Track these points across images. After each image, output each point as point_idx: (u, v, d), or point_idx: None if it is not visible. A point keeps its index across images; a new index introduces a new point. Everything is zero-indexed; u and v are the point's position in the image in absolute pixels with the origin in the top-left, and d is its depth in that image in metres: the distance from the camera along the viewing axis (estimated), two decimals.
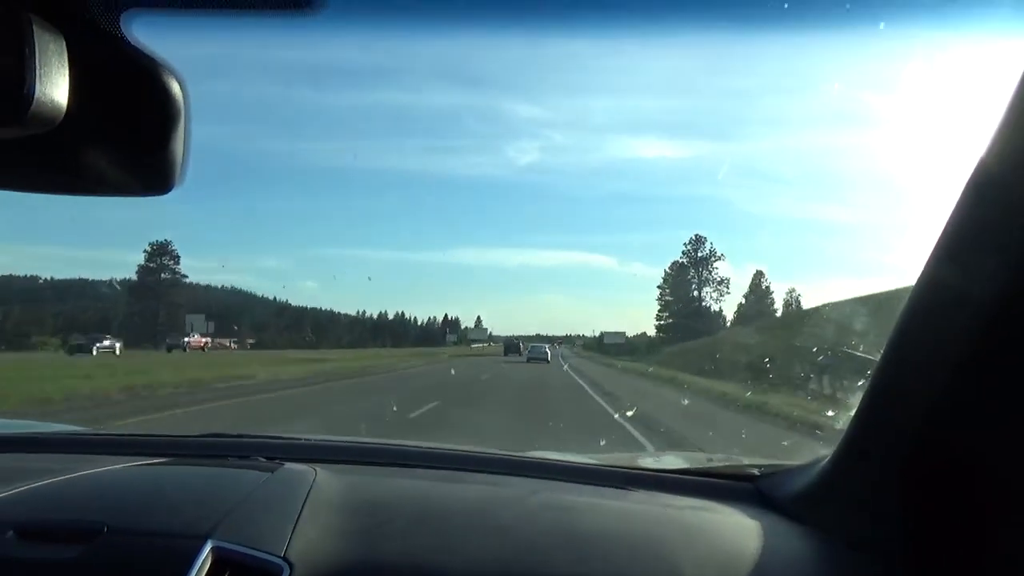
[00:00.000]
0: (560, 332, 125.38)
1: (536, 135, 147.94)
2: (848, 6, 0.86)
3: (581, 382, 25.74)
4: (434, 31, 0.87)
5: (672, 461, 2.07)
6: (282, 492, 1.28)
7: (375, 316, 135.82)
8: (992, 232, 0.90)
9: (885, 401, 1.11)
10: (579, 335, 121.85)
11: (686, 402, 17.53)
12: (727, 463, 1.81)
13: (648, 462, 1.98)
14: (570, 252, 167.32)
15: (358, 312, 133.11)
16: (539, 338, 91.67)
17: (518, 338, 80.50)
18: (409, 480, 1.58)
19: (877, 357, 1.11)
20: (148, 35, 0.81)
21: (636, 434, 11.20)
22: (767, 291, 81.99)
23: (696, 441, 10.38)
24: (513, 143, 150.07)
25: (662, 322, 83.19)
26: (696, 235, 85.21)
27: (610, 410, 15.37)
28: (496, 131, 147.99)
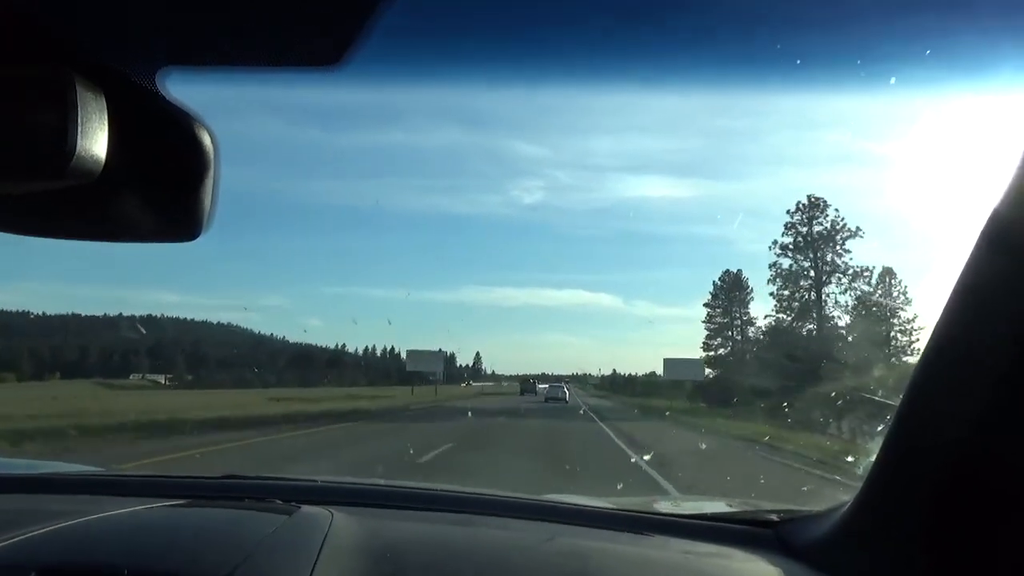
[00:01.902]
0: (565, 371, 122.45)
1: (540, 174, 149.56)
2: (859, 61, 0.88)
3: None
4: (449, 83, 0.90)
5: (690, 506, 2.04)
6: (299, 536, 1.28)
7: (360, 352, 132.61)
8: (1013, 274, 0.90)
9: (908, 446, 1.10)
10: (586, 374, 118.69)
11: None
12: (746, 508, 1.78)
13: (666, 506, 1.95)
14: (574, 291, 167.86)
15: (337, 345, 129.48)
16: (544, 377, 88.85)
17: (533, 377, 78.97)
18: (425, 524, 1.58)
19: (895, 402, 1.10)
20: (182, 90, 0.86)
21: None
22: (901, 300, 45.27)
23: None
24: (517, 182, 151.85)
25: (711, 353, 54.81)
26: (810, 197, 47.44)
27: None
28: (500, 171, 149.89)
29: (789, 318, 47.71)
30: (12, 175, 0.74)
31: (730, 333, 55.53)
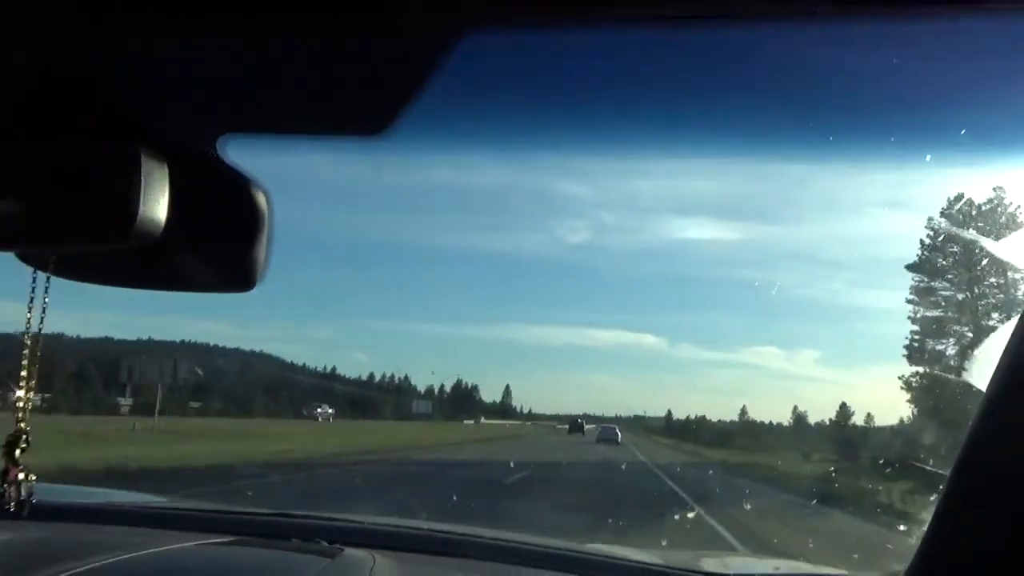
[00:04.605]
0: (608, 413, 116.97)
1: (585, 215, 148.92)
2: (893, 139, 0.89)
3: None
4: (489, 149, 0.95)
5: (738, 565, 1.99)
6: None
7: (362, 378, 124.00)
8: None
9: (962, 515, 1.06)
10: (631, 416, 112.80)
11: None
12: (797, 571, 1.73)
13: (713, 564, 1.90)
14: (617, 332, 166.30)
15: (326, 369, 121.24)
16: (587, 418, 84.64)
17: (582, 417, 75.92)
18: (464, 573, 1.58)
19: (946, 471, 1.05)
20: (239, 154, 0.92)
21: None
22: None
23: None
24: (562, 222, 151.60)
25: (923, 370, 26.57)
26: None
27: None
28: (546, 210, 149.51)
29: None
30: (81, 237, 0.80)
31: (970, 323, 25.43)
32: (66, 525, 1.71)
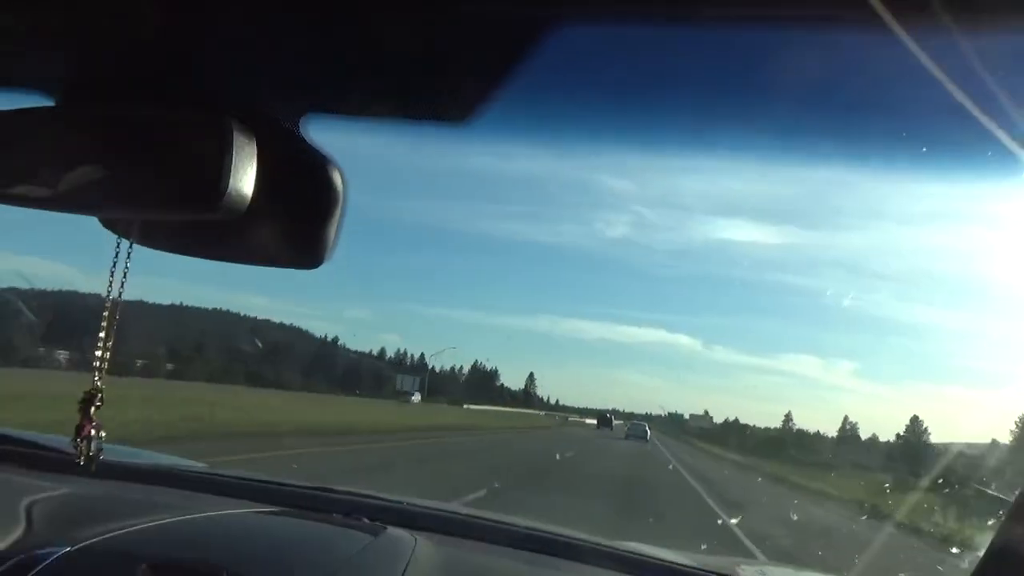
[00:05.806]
0: (639, 410, 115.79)
1: (625, 209, 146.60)
2: (990, 153, 0.86)
3: None
4: (564, 145, 0.95)
5: (777, 575, 1.96)
6: (384, 558, 1.33)
7: (372, 352, 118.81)
8: None
9: (1020, 544, 1.04)
10: (664, 415, 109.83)
11: None
12: None
13: (751, 572, 1.89)
14: (652, 330, 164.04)
15: (324, 337, 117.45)
16: (616, 414, 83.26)
17: (611, 413, 74.12)
18: (504, 561, 1.59)
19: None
20: (321, 134, 0.94)
21: None
22: None
23: None
24: (601, 215, 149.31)
25: None
26: None
27: None
28: (585, 202, 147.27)
29: None
30: (169, 205, 0.83)
31: None
32: (128, 484, 1.78)
